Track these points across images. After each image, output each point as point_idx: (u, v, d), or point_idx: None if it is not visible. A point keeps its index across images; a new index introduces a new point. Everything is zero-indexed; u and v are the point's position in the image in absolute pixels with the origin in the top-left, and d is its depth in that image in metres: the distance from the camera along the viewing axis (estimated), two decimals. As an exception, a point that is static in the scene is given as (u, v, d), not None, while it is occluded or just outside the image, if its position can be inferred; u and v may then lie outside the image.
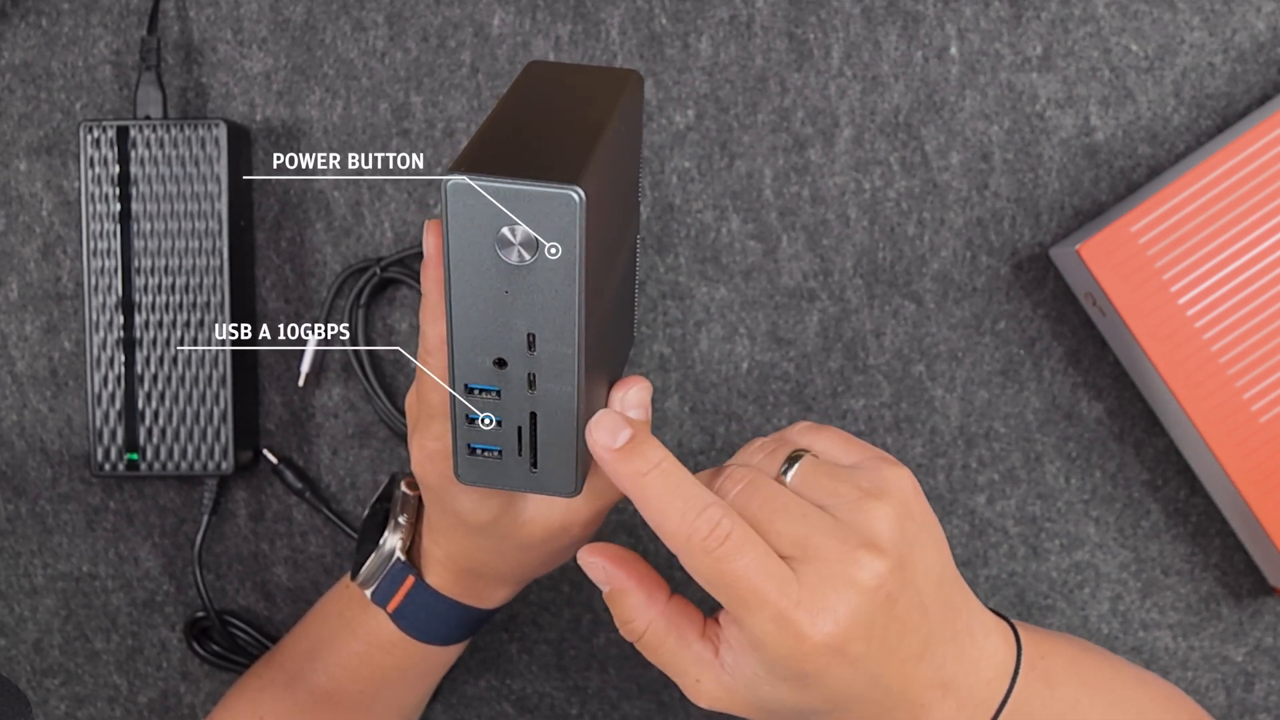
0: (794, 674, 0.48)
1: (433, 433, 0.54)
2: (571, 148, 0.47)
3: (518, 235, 0.46)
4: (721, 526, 0.48)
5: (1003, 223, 0.72)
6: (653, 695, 0.75)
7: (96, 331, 0.70)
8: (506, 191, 0.45)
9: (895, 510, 0.49)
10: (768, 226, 0.72)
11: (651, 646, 0.52)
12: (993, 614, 0.55)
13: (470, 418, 0.50)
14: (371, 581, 0.63)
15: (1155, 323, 0.66)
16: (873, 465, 0.51)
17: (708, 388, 0.73)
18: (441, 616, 0.63)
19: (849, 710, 0.50)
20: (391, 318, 0.74)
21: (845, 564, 0.48)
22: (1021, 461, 0.73)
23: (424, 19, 0.72)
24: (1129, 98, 0.71)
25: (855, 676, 0.49)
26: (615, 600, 0.52)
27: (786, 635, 0.47)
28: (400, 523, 0.63)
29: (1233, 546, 0.73)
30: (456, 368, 0.49)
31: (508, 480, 0.52)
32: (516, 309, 0.47)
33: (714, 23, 0.72)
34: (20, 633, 0.76)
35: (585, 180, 0.45)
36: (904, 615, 0.49)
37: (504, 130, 0.48)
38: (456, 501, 0.57)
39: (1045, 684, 0.54)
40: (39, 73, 0.73)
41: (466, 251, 0.46)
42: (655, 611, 0.51)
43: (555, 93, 0.52)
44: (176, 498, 0.75)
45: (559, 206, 0.45)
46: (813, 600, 0.47)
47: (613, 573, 0.52)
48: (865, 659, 0.48)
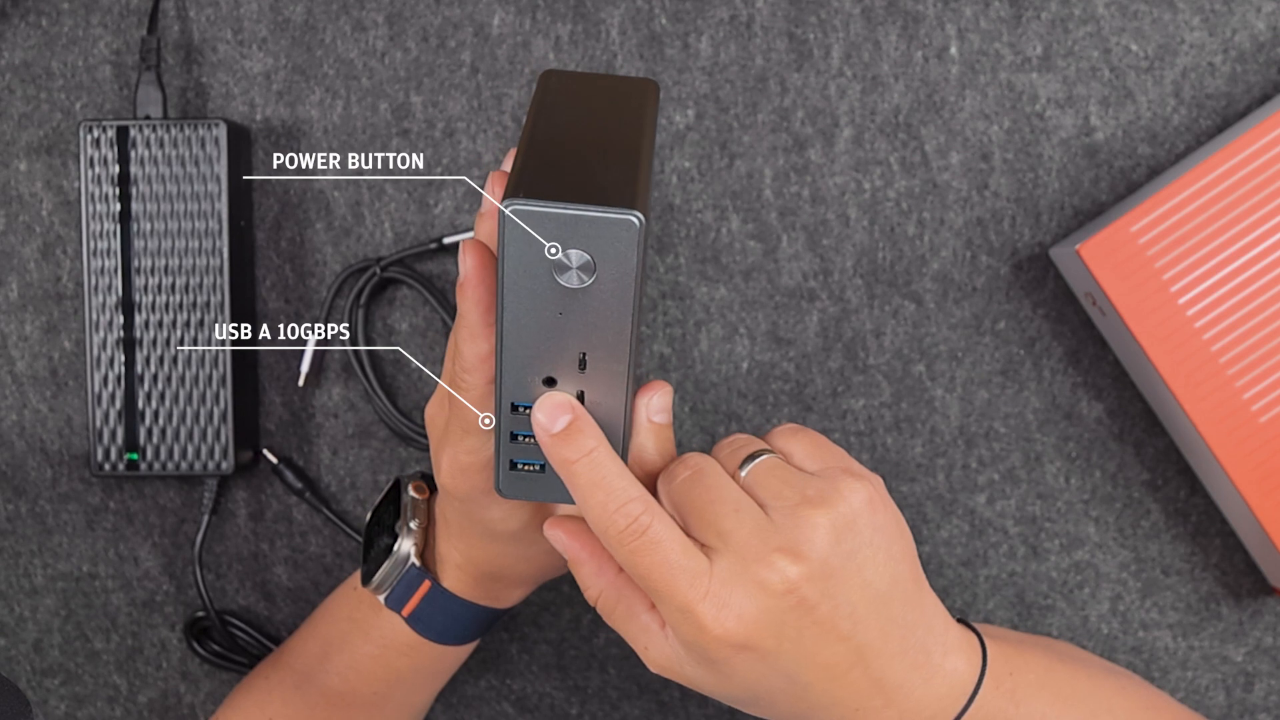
0: (704, 660, 0.50)
1: (466, 446, 0.55)
2: (619, 169, 0.47)
3: (574, 260, 0.46)
4: (640, 521, 0.50)
5: (1003, 223, 0.72)
6: (652, 695, 0.75)
7: (96, 331, 0.70)
8: (566, 217, 0.45)
9: (831, 521, 0.50)
10: (768, 226, 0.72)
11: (605, 612, 0.54)
12: (962, 627, 0.55)
13: (515, 434, 0.51)
14: (385, 587, 0.63)
15: (1155, 323, 0.66)
16: (831, 475, 0.51)
17: (708, 388, 0.73)
18: (458, 618, 0.63)
19: (773, 703, 0.52)
20: (391, 318, 0.74)
21: (757, 564, 0.49)
22: (1021, 461, 0.73)
23: (424, 19, 0.72)
24: (1129, 98, 0.71)
25: (768, 672, 0.50)
26: (573, 569, 0.54)
27: (690, 625, 0.49)
28: (413, 528, 0.63)
29: (1233, 546, 0.73)
30: (504, 388, 0.50)
31: (548, 493, 0.53)
32: (570, 330, 0.48)
33: (714, 23, 0.72)
34: (20, 633, 0.76)
35: (640, 204, 0.46)
36: (826, 623, 0.50)
37: (548, 151, 0.48)
38: (487, 512, 0.58)
39: (1010, 700, 0.54)
40: (39, 73, 0.73)
41: (522, 275, 0.47)
42: (605, 581, 0.53)
43: (584, 109, 0.52)
44: (176, 498, 0.75)
45: (619, 231, 0.45)
46: (719, 596, 0.49)
47: (568, 544, 0.54)
48: (777, 657, 0.50)
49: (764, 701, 0.52)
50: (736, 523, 0.50)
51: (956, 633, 0.54)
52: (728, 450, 0.53)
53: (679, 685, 0.75)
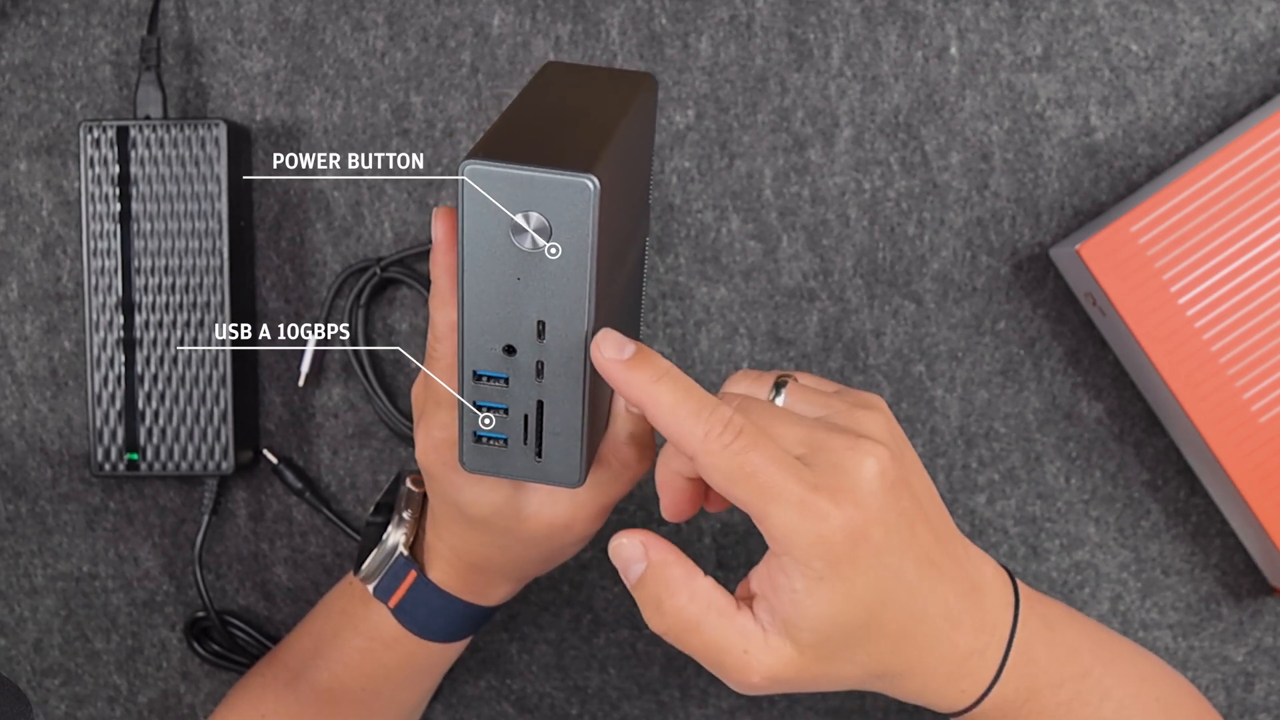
0: (827, 567, 0.48)
1: (439, 421, 0.55)
2: (585, 140, 0.48)
3: (531, 222, 0.46)
4: (734, 422, 0.48)
5: (1003, 223, 0.72)
6: (652, 695, 0.76)
7: (96, 331, 0.70)
8: (521, 178, 0.46)
9: (885, 418, 0.51)
10: (768, 226, 0.72)
11: (691, 624, 0.50)
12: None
13: (478, 405, 0.51)
14: (374, 576, 0.63)
15: (1155, 323, 0.66)
16: (852, 393, 0.53)
17: (708, 387, 0.73)
18: (442, 612, 0.63)
19: (885, 621, 0.50)
20: (391, 318, 0.74)
21: (853, 450, 0.49)
22: (1021, 461, 0.73)
23: (424, 19, 0.72)
24: (1129, 98, 0.71)
25: (882, 571, 0.49)
26: (652, 576, 0.50)
27: (811, 519, 0.47)
28: (404, 518, 0.63)
29: (1233, 546, 0.73)
30: (466, 354, 0.49)
31: (512, 469, 0.52)
32: (527, 296, 0.48)
33: (714, 23, 0.72)
34: (20, 633, 0.76)
35: (599, 169, 0.46)
36: (911, 510, 0.50)
37: (520, 122, 0.49)
38: (460, 492, 0.57)
39: (1045, 625, 0.54)
40: (39, 73, 0.73)
41: (480, 237, 0.47)
42: (696, 587, 0.50)
43: (570, 91, 0.52)
44: (176, 498, 0.75)
45: (574, 194, 0.45)
46: (830, 482, 0.48)
47: (653, 546, 0.50)
48: (886, 549, 0.49)
49: (875, 625, 0.50)
50: (811, 428, 0.49)
51: (978, 549, 0.55)
52: (746, 383, 0.54)
53: (679, 685, 0.75)
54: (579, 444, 0.51)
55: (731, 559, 0.74)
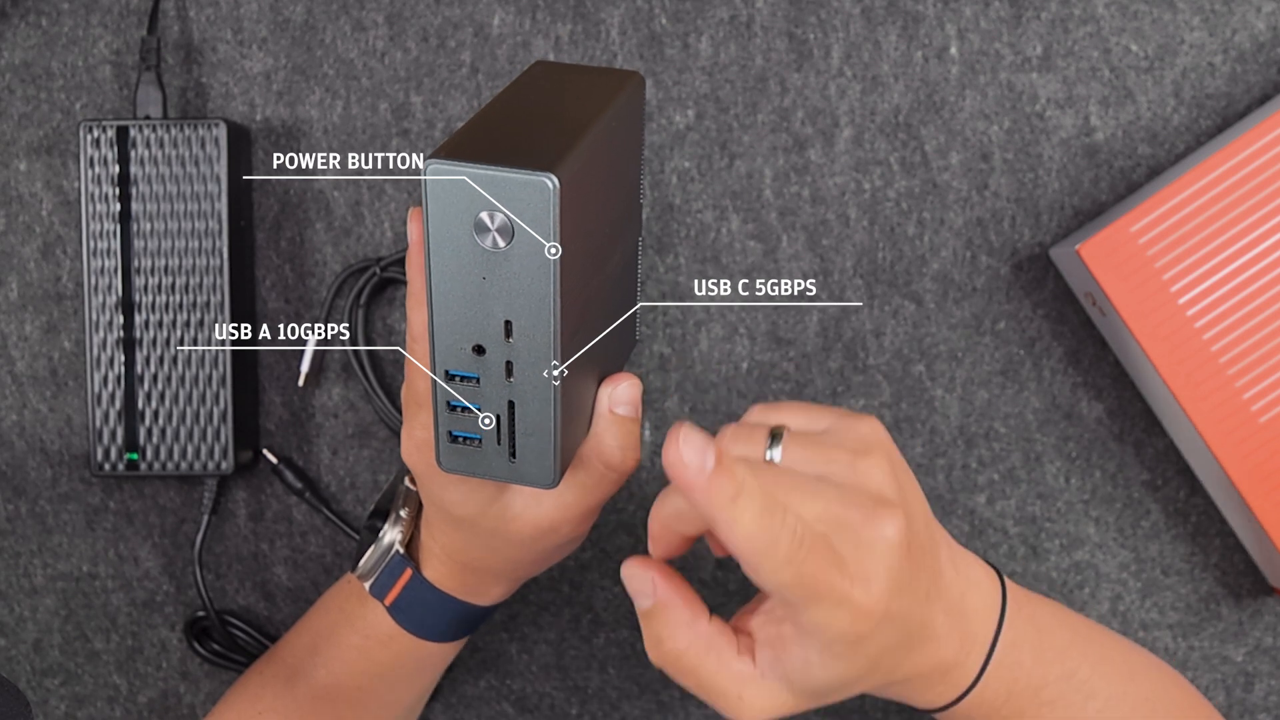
0: (848, 647, 0.48)
1: (420, 421, 0.55)
2: (554, 139, 0.48)
3: (494, 221, 0.46)
4: (805, 539, 0.46)
5: (1003, 223, 0.72)
6: (652, 695, 0.76)
7: (96, 331, 0.70)
8: (483, 177, 0.46)
9: (885, 462, 0.50)
10: (768, 226, 0.72)
11: (689, 668, 0.50)
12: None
13: (451, 405, 0.51)
14: (371, 574, 0.63)
15: (1155, 323, 0.66)
16: (846, 426, 0.51)
17: (708, 388, 0.73)
18: (437, 611, 0.63)
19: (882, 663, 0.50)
20: (391, 318, 0.74)
21: (871, 523, 0.48)
22: (1021, 461, 0.73)
23: (424, 19, 0.72)
24: (1129, 98, 0.71)
25: (894, 631, 0.49)
26: (657, 615, 0.50)
27: (845, 612, 0.47)
28: (401, 516, 0.63)
29: (1233, 546, 0.73)
30: (437, 354, 0.50)
31: (488, 469, 0.52)
32: (494, 295, 0.48)
33: (714, 23, 0.72)
34: (20, 633, 0.76)
35: (562, 169, 0.46)
36: (918, 559, 0.50)
37: (492, 121, 0.49)
38: (444, 492, 0.57)
39: (1033, 627, 0.55)
40: (39, 73, 0.73)
41: (445, 237, 0.47)
42: (697, 632, 0.50)
43: (551, 89, 0.52)
44: (176, 498, 0.75)
45: (533, 193, 0.45)
46: (856, 568, 0.47)
47: (661, 585, 0.50)
48: (900, 615, 0.49)
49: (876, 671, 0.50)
50: (825, 500, 0.48)
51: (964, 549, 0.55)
52: (740, 444, 0.51)
53: (679, 685, 0.75)
54: (552, 445, 0.51)
55: (731, 559, 0.74)
